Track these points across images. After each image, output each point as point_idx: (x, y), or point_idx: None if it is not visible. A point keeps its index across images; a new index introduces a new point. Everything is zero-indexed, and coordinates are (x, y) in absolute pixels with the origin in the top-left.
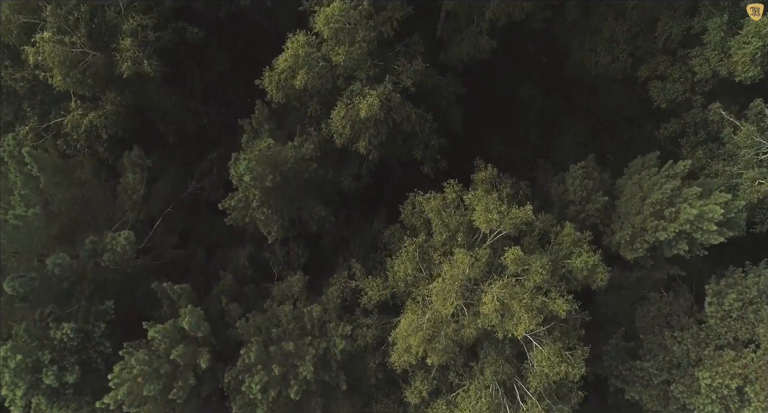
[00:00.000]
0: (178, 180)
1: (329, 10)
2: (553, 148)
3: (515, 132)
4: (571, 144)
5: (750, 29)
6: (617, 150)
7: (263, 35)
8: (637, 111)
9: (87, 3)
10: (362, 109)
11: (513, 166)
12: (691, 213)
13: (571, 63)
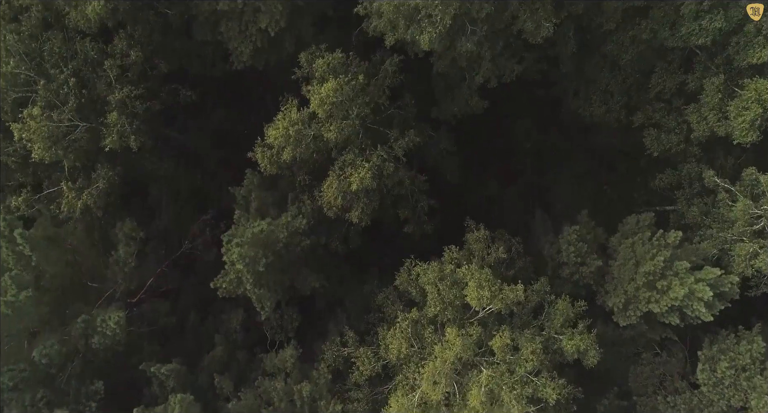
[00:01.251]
0: (171, 240)
1: (324, 91)
2: (550, 182)
3: (512, 165)
4: (568, 177)
5: (750, 95)
6: (615, 182)
7: (258, 93)
8: (634, 144)
9: (78, 77)
10: (353, 183)
11: (509, 208)
12: (681, 293)
13: (566, 107)
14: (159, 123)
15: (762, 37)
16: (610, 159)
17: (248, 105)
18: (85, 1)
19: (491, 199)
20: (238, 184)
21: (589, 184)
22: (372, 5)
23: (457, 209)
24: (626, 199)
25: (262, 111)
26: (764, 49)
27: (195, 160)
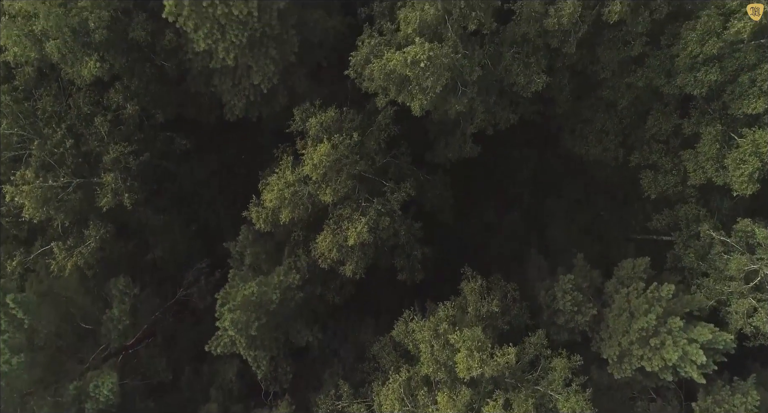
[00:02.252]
0: (165, 287)
1: (317, 156)
2: (547, 208)
3: (509, 192)
4: (565, 203)
5: (747, 148)
6: (612, 207)
7: (255, 138)
8: (632, 171)
9: (73, 133)
10: (350, 237)
11: (506, 235)
12: (674, 356)
13: (562, 142)
14: (152, 175)
15: (756, 88)
16: (607, 185)
17: (244, 149)
18: (81, 61)
19: (488, 226)
20: (233, 229)
21: (586, 210)
22: (362, 70)
23: (454, 238)
24: (623, 225)
25: (258, 157)
26: (759, 100)
27: (189, 208)
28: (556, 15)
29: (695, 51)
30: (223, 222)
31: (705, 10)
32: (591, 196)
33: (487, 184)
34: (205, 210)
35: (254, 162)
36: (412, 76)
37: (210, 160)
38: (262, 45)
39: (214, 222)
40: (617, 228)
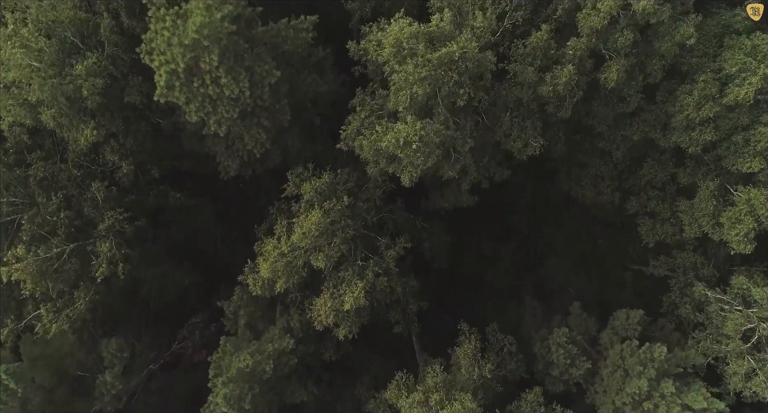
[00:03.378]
0: (160, 341)
1: (307, 224)
2: (545, 237)
3: (506, 222)
4: (563, 232)
5: (742, 208)
6: (609, 235)
7: (251, 195)
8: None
9: (66, 200)
10: (347, 303)
11: (503, 268)
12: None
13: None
14: (147, 229)
15: (751, 147)
16: (605, 214)
17: (241, 196)
18: (77, 129)
19: (486, 258)
20: (228, 281)
21: (584, 238)
22: (353, 142)
23: (451, 271)
24: (620, 254)
25: (254, 209)
26: (754, 160)
27: (184, 260)
28: (552, 83)
29: (692, 114)
30: (220, 270)
31: (702, 75)
32: (588, 225)
33: (484, 213)
34: (201, 259)
35: (251, 215)
36: (403, 156)
37: (206, 208)
38: (254, 115)
39: (211, 271)
40: (615, 257)
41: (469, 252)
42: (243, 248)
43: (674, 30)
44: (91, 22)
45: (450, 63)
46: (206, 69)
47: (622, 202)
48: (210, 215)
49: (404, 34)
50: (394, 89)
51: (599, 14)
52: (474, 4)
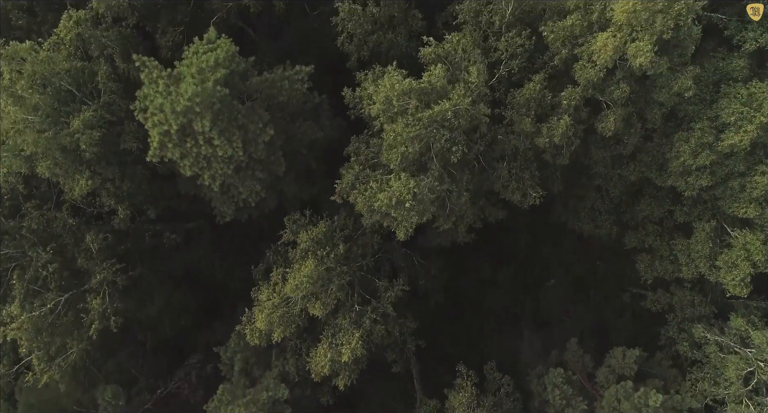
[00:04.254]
0: (155, 381)
1: (299, 276)
2: (543, 259)
3: (505, 244)
4: (561, 253)
5: (738, 253)
6: (608, 257)
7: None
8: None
9: (59, 254)
10: (344, 354)
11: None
12: None
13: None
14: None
15: (747, 193)
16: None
17: (236, 240)
18: (72, 178)
19: (484, 282)
20: (223, 321)
21: (582, 259)
22: (347, 196)
23: (450, 296)
24: (619, 275)
25: (251, 248)
26: (750, 206)
27: (178, 300)
28: (548, 134)
29: (688, 161)
30: (218, 302)
31: (698, 123)
32: (587, 246)
33: (482, 236)
34: (198, 290)
35: (248, 256)
36: (397, 216)
37: (202, 245)
38: (248, 168)
39: (208, 303)
40: (614, 278)
41: (467, 274)
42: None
43: (672, 81)
44: (87, 70)
45: (442, 120)
46: (199, 130)
47: (619, 235)
48: (206, 249)
49: (395, 91)
50: (386, 146)
51: (595, 67)
52: (467, 58)
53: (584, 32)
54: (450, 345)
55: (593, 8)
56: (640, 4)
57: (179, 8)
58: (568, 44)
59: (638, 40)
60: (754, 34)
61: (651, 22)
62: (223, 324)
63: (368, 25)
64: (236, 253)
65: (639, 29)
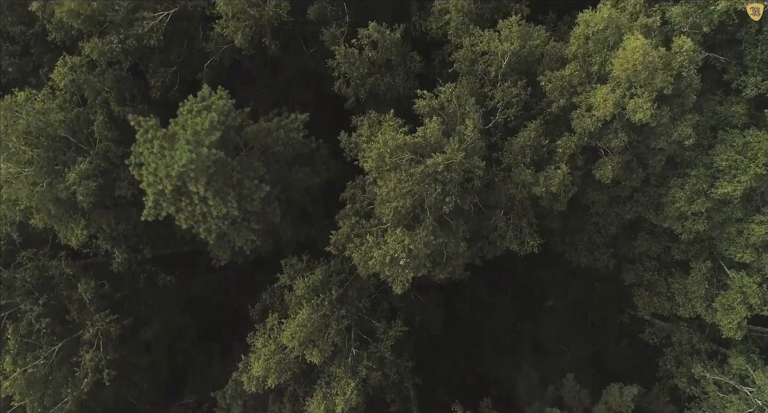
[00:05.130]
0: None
1: (294, 324)
2: (541, 281)
3: (502, 266)
4: (559, 275)
5: (735, 296)
6: (607, 278)
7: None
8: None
9: (51, 315)
10: (339, 405)
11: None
12: None
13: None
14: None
15: (743, 238)
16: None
17: (232, 277)
18: (67, 228)
19: (483, 306)
20: (220, 358)
21: (580, 281)
22: (343, 249)
23: (447, 321)
24: (617, 297)
25: (248, 281)
26: (746, 251)
27: (172, 340)
28: (545, 184)
29: (683, 207)
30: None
31: (694, 169)
32: (584, 268)
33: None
34: (187, 342)
35: (244, 295)
36: (391, 274)
37: (197, 281)
38: (244, 220)
39: (202, 345)
40: (611, 300)
41: (465, 298)
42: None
43: (672, 129)
44: (82, 116)
45: (434, 173)
46: (194, 191)
47: (617, 267)
48: (202, 289)
49: (388, 147)
50: (378, 200)
51: (593, 117)
52: (462, 106)
53: (582, 82)
54: (449, 367)
55: (592, 60)
56: (640, 64)
57: (172, 49)
58: (566, 93)
59: (637, 97)
60: (755, 79)
61: (651, 79)
62: (219, 362)
63: (365, 68)
64: (233, 288)
65: (638, 86)
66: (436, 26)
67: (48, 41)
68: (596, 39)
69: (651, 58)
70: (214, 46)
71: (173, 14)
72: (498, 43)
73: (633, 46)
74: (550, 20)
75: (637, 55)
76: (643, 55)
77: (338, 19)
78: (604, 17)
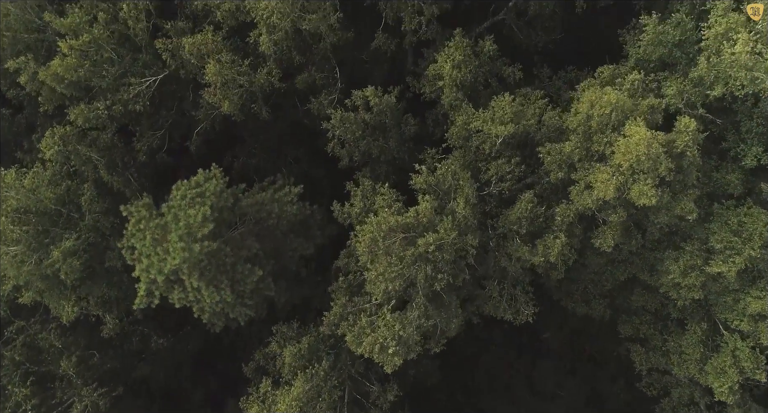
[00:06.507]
0: None
1: (290, 398)
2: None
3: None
4: (554, 306)
5: (727, 360)
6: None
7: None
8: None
9: (37, 394)
10: None
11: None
12: None
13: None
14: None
15: (740, 307)
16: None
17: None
18: (58, 304)
19: (479, 341)
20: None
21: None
22: (335, 328)
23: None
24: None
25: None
26: (743, 320)
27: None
28: (543, 253)
29: (677, 279)
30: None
31: (689, 244)
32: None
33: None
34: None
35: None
36: (380, 361)
37: (191, 346)
38: (237, 297)
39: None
40: (609, 328)
41: (460, 334)
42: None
43: (673, 205)
44: (71, 188)
45: (425, 253)
46: (187, 283)
47: (613, 319)
48: (199, 345)
49: (381, 230)
50: (369, 282)
51: (592, 195)
52: (457, 181)
53: (582, 158)
54: (445, 400)
55: (594, 138)
56: (644, 155)
57: (161, 113)
58: (565, 167)
59: (641, 183)
60: (756, 149)
61: (654, 167)
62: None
63: (359, 131)
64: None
65: (641, 171)
66: (429, 91)
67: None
68: (600, 121)
69: (655, 150)
70: (204, 113)
71: (162, 78)
72: (492, 126)
73: (636, 138)
74: (545, 75)
75: (641, 147)
76: (647, 147)
77: (328, 87)
78: (611, 102)
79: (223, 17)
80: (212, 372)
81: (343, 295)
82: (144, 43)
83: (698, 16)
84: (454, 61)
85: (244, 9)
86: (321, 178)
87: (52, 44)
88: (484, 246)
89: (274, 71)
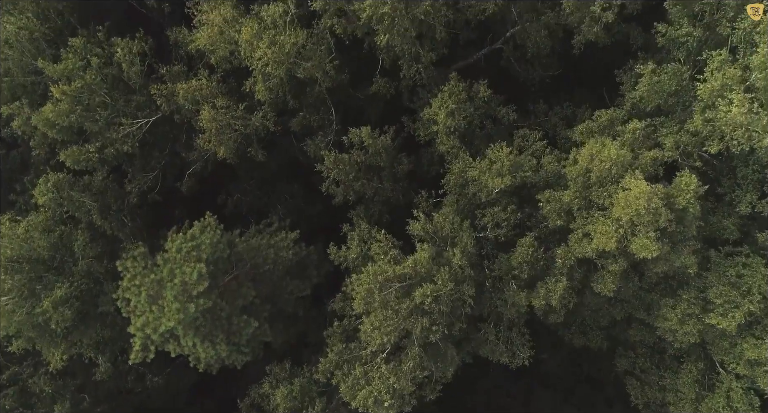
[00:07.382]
0: None
1: None
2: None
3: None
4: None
5: (719, 401)
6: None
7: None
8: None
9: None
10: None
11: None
12: None
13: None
14: None
15: (737, 350)
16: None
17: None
18: (48, 351)
19: (476, 365)
20: None
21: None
22: (331, 376)
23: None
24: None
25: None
26: (740, 363)
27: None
28: (545, 297)
29: (674, 326)
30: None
31: (686, 292)
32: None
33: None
34: None
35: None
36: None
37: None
38: (233, 346)
39: None
40: (608, 358)
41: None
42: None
43: (673, 256)
44: (64, 235)
45: (422, 305)
46: (182, 339)
47: (610, 351)
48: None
49: (378, 281)
50: (364, 333)
51: (591, 243)
52: (454, 228)
53: (581, 208)
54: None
55: (593, 189)
56: (644, 209)
57: (153, 154)
58: (563, 215)
59: (642, 236)
60: (750, 196)
61: (654, 221)
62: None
63: (353, 172)
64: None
65: (641, 224)
66: (424, 134)
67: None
68: (599, 175)
69: (655, 204)
70: (197, 156)
71: (155, 119)
72: (489, 179)
73: (636, 192)
74: (540, 111)
75: (641, 201)
76: (647, 201)
77: (324, 128)
78: (611, 157)
79: (218, 62)
80: (206, 405)
81: (339, 341)
82: (138, 86)
83: (693, 64)
84: (447, 109)
85: (238, 55)
86: (316, 215)
87: (48, 86)
88: (480, 286)
89: (269, 115)
